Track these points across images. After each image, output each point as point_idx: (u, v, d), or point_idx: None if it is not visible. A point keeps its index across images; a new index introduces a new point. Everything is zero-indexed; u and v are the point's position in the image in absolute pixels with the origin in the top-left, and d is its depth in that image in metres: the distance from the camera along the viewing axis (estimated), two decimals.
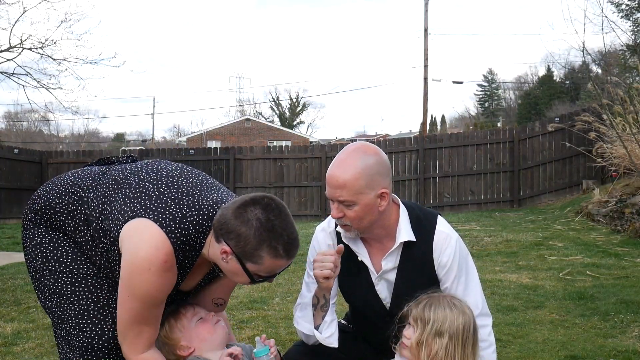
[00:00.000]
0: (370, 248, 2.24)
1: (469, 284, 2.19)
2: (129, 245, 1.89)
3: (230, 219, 1.86)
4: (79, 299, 2.04)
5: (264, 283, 2.15)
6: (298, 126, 59.63)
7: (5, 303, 5.22)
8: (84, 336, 2.02)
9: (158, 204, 1.93)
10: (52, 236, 2.10)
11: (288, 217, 1.91)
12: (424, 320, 1.93)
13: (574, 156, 12.42)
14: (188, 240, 1.92)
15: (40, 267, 2.09)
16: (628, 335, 3.85)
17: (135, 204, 1.94)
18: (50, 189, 2.14)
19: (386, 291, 2.25)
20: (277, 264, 1.90)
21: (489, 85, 64.04)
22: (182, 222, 1.91)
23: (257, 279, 1.93)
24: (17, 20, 17.33)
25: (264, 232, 1.84)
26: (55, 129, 58.85)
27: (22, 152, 14.65)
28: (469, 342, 1.94)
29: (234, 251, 1.87)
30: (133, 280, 1.88)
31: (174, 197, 1.96)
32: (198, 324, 2.08)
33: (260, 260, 1.87)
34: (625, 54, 19.56)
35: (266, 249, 1.85)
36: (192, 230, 1.92)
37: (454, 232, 2.24)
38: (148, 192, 1.97)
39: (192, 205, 1.96)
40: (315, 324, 2.21)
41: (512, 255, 6.90)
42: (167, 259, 1.87)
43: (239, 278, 1.96)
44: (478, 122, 51.20)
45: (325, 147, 15.26)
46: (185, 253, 1.94)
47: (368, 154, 2.07)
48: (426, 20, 27.97)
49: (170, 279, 1.91)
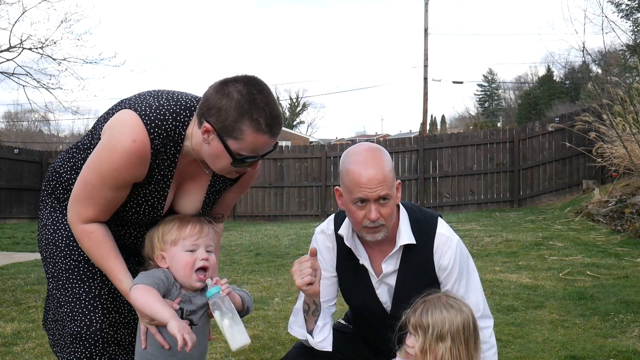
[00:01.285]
0: (371, 251, 2.23)
1: (469, 286, 2.19)
2: (106, 131, 1.92)
3: (212, 95, 1.83)
4: (72, 286, 2.06)
5: (264, 283, 2.14)
6: (298, 126, 59.69)
7: (5, 303, 5.22)
8: (75, 324, 2.04)
9: (136, 100, 1.94)
10: (53, 218, 2.13)
11: (270, 95, 1.85)
12: (423, 327, 1.92)
13: (574, 156, 12.42)
14: (165, 126, 1.89)
15: (44, 248, 2.14)
16: (628, 335, 3.85)
17: (116, 108, 1.97)
18: (55, 160, 2.22)
19: (387, 294, 2.24)
20: (259, 140, 1.83)
21: (489, 85, 64.06)
22: (158, 109, 1.90)
23: (238, 158, 1.85)
24: (17, 20, 17.33)
25: (245, 104, 1.78)
26: (55, 129, 58.79)
27: (22, 152, 14.66)
28: (471, 339, 1.94)
29: (214, 127, 1.81)
30: (98, 154, 1.90)
31: (154, 93, 1.98)
32: (184, 254, 2.00)
33: (242, 134, 1.80)
34: (625, 54, 19.56)
35: (247, 121, 1.79)
36: (169, 117, 1.90)
37: (454, 235, 2.23)
38: (129, 98, 2.00)
39: (170, 97, 1.96)
40: (308, 328, 2.20)
41: (512, 255, 6.90)
42: (136, 139, 1.84)
43: (221, 161, 1.88)
44: (478, 122, 51.18)
45: (325, 147, 15.26)
46: (163, 141, 1.91)
47: (381, 150, 2.11)
48: (426, 20, 27.98)
49: (135, 163, 1.88)
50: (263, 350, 3.75)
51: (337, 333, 2.34)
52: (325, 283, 2.26)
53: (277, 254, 7.87)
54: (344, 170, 2.09)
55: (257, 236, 9.87)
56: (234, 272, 6.55)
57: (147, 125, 1.86)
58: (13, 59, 17.27)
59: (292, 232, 10.40)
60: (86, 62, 17.63)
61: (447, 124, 64.81)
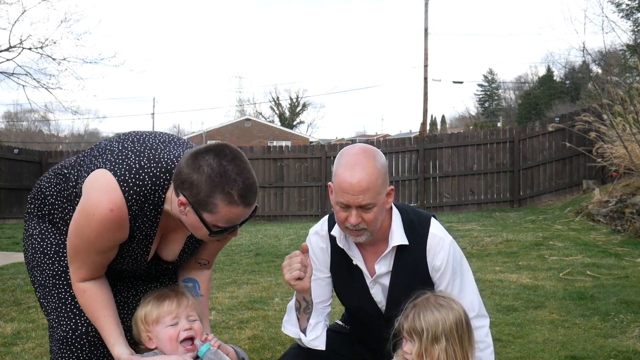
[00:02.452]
0: (365, 252, 2.22)
1: (464, 286, 2.18)
2: (84, 193, 1.92)
3: (184, 168, 1.81)
4: (59, 292, 2.07)
5: (263, 283, 2.14)
6: (298, 126, 59.62)
7: (5, 303, 5.22)
8: (61, 330, 2.04)
9: (118, 157, 1.93)
10: (41, 228, 2.15)
11: (243, 163, 1.82)
12: (417, 332, 1.92)
13: (574, 156, 12.42)
14: (143, 192, 1.89)
15: (30, 258, 2.15)
16: (628, 335, 3.85)
17: (99, 159, 1.96)
18: (42, 177, 2.22)
19: (381, 295, 2.23)
20: (233, 212, 1.81)
21: (489, 85, 64.03)
22: (138, 172, 1.89)
23: (215, 230, 1.85)
24: (17, 20, 17.32)
25: (216, 178, 1.76)
26: (55, 129, 58.81)
27: (22, 152, 14.65)
28: (465, 335, 1.95)
29: (189, 201, 1.80)
30: (78, 222, 1.90)
31: (136, 150, 1.95)
32: (168, 328, 2.02)
33: (216, 208, 1.79)
34: (625, 54, 19.57)
35: (219, 195, 1.77)
36: (148, 181, 1.89)
37: (447, 235, 2.21)
38: (112, 148, 1.98)
39: (152, 157, 1.94)
40: (301, 327, 2.19)
41: (512, 255, 6.90)
42: (113, 208, 1.84)
43: (199, 231, 1.88)
44: (478, 122, 51.16)
45: (325, 147, 15.25)
46: (141, 205, 1.90)
47: (374, 155, 2.05)
48: (426, 20, 27.99)
49: (114, 230, 1.88)
50: (263, 350, 3.75)
51: (334, 334, 2.34)
52: (320, 284, 2.26)
53: (277, 254, 7.86)
54: (335, 170, 2.07)
55: (257, 236, 9.87)
56: (234, 272, 6.55)
57: (124, 192, 1.86)
58: (13, 59, 17.27)
59: (292, 232, 10.40)
60: (86, 62, 17.68)
61: (447, 124, 64.80)
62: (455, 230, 9.28)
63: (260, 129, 43.74)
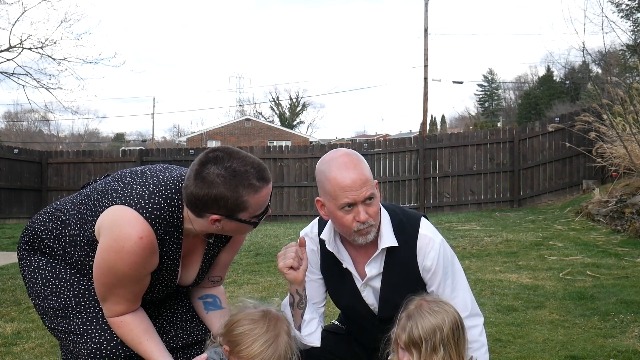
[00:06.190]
0: (354, 254, 2.22)
1: (455, 285, 2.17)
2: (104, 232, 1.90)
3: (197, 192, 1.84)
4: (86, 308, 2.06)
5: (264, 283, 2.15)
6: (298, 126, 59.65)
7: (5, 303, 5.22)
8: (92, 342, 2.01)
9: (125, 191, 1.94)
10: (47, 259, 2.13)
11: (239, 154, 1.88)
12: (416, 344, 1.88)
13: (574, 156, 12.42)
14: (163, 215, 1.91)
15: (41, 290, 2.10)
16: (628, 335, 3.85)
17: (105, 201, 1.95)
18: (36, 219, 2.18)
19: (372, 297, 2.23)
20: (261, 196, 1.89)
21: (489, 85, 64.06)
22: (150, 198, 1.91)
23: (257, 221, 1.95)
24: (17, 20, 17.31)
25: (232, 180, 1.82)
26: (55, 129, 58.84)
27: (22, 152, 14.64)
28: (461, 339, 1.93)
29: (222, 215, 1.86)
30: (107, 260, 1.88)
31: (139, 182, 1.97)
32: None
33: (247, 204, 1.86)
34: (625, 54, 19.56)
35: (244, 191, 1.84)
36: (164, 204, 1.92)
37: (437, 235, 2.21)
38: (114, 187, 1.99)
39: (157, 183, 1.96)
40: (296, 324, 2.19)
41: (512, 255, 6.90)
42: (142, 236, 1.86)
43: (243, 231, 1.99)
44: (478, 122, 51.17)
45: (325, 147, 15.27)
46: (165, 229, 1.93)
47: (356, 153, 2.14)
48: (426, 20, 27.97)
49: (147, 257, 1.90)
50: None
51: (331, 334, 2.34)
52: (313, 285, 2.27)
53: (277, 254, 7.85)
54: (324, 178, 2.07)
55: (257, 236, 9.86)
56: (234, 272, 6.55)
57: (147, 219, 1.88)
58: (13, 59, 17.26)
59: (292, 232, 10.39)
60: (86, 62, 17.64)
61: (447, 124, 64.83)
62: (455, 230, 9.28)
63: (260, 129, 43.76)
